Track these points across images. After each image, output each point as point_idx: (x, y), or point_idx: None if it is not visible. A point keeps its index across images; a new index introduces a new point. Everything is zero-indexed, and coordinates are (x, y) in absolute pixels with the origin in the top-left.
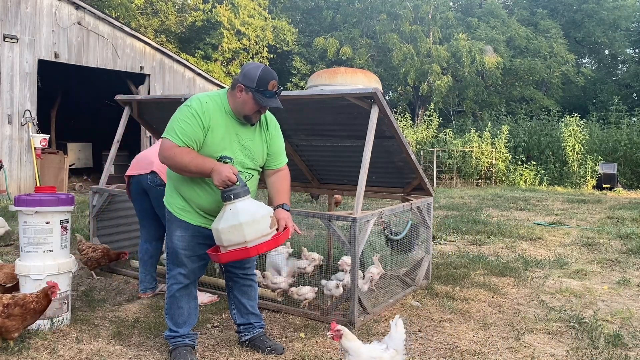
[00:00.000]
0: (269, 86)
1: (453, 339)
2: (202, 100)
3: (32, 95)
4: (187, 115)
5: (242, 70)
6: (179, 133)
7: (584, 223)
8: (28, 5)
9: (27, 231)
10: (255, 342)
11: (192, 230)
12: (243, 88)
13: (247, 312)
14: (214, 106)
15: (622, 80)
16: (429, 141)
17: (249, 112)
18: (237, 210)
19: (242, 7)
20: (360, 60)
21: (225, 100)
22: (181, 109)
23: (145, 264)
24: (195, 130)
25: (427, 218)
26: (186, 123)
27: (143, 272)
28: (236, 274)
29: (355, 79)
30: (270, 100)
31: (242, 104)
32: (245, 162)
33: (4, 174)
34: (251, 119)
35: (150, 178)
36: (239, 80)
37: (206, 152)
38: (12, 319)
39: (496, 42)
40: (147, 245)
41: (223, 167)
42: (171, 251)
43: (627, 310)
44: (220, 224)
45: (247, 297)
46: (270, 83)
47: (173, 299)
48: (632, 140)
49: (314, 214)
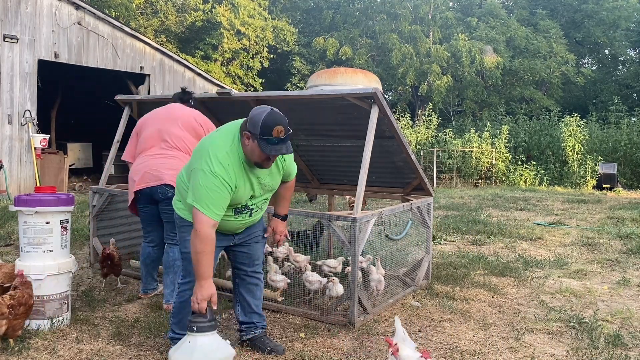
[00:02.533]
0: (273, 133)
1: (453, 339)
2: (224, 162)
3: (32, 95)
4: (216, 185)
5: (250, 115)
6: (214, 208)
7: (584, 223)
8: (28, 5)
9: (27, 231)
10: (255, 342)
11: None
12: (250, 136)
13: (251, 310)
14: (234, 164)
15: (622, 80)
16: (428, 141)
17: (258, 160)
18: (195, 345)
19: (242, 7)
20: (360, 61)
21: (241, 150)
22: (206, 175)
23: (147, 266)
24: (226, 199)
25: (427, 218)
26: (217, 195)
27: (145, 274)
28: (245, 271)
29: (355, 79)
30: (275, 148)
31: (251, 152)
32: (262, 196)
33: (4, 174)
34: (262, 166)
35: (162, 192)
36: (246, 126)
37: (231, 204)
38: (19, 318)
39: (496, 42)
40: (150, 249)
41: (208, 290)
42: (185, 257)
43: (627, 310)
44: (177, 353)
45: (252, 296)
46: (275, 129)
47: (184, 303)
48: (632, 140)
49: (314, 214)
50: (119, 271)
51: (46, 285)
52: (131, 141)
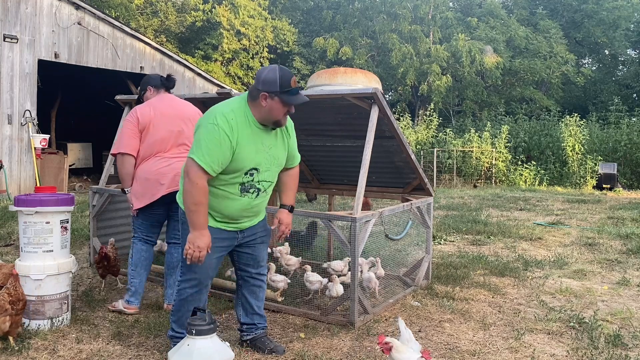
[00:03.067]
0: (292, 84)
1: (453, 339)
2: (228, 116)
3: (32, 95)
4: (216, 137)
5: (258, 78)
6: (209, 158)
7: (584, 223)
8: (28, 5)
9: (27, 231)
10: (256, 342)
11: (212, 234)
12: (267, 95)
13: (253, 312)
14: (240, 120)
15: (622, 80)
16: (428, 141)
17: (278, 117)
18: (193, 348)
19: (242, 7)
20: (359, 61)
21: (248, 110)
22: (207, 127)
23: (148, 269)
24: (225, 153)
25: (427, 218)
26: (216, 146)
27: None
28: (249, 273)
29: (355, 79)
30: (297, 98)
31: (269, 111)
32: (270, 171)
33: (4, 174)
34: (281, 123)
35: None
36: (260, 89)
37: (235, 167)
38: (19, 314)
39: (496, 42)
40: (151, 252)
41: (207, 238)
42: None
43: (627, 310)
44: (176, 355)
45: (254, 297)
46: (292, 80)
47: (184, 302)
48: (632, 141)
49: (314, 214)
50: (116, 271)
51: (46, 285)
52: (133, 135)
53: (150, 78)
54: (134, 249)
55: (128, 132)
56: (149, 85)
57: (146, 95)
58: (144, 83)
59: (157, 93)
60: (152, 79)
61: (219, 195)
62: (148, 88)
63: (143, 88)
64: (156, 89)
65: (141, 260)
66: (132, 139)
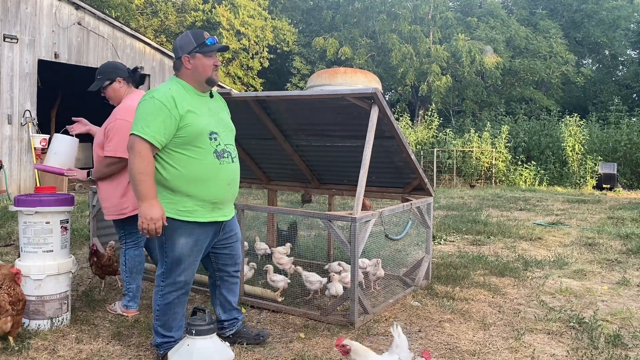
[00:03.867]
0: (205, 36)
1: (453, 339)
2: (167, 92)
3: (32, 95)
4: (152, 108)
5: (175, 47)
6: (149, 129)
7: (584, 223)
8: (28, 5)
9: (27, 231)
10: (239, 333)
11: (197, 234)
12: (188, 57)
13: (232, 307)
14: (180, 93)
15: (622, 80)
16: (428, 141)
17: (208, 73)
18: (193, 348)
19: (241, 7)
20: (359, 61)
21: (182, 82)
22: (143, 102)
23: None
24: (166, 122)
25: (427, 218)
26: (153, 117)
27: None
28: (228, 272)
29: (355, 79)
30: (215, 45)
31: (197, 70)
32: (228, 135)
33: (4, 174)
34: (213, 79)
35: None
36: (179, 55)
37: (195, 132)
38: (19, 314)
39: (496, 42)
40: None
41: (159, 209)
42: (172, 260)
43: (627, 310)
44: (176, 356)
45: (232, 294)
46: (204, 34)
47: (169, 305)
48: (632, 141)
49: (314, 214)
50: (112, 271)
51: (46, 285)
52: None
53: (119, 68)
54: (127, 256)
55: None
56: (119, 76)
57: (113, 86)
58: (111, 72)
59: (128, 87)
60: (120, 69)
61: (202, 173)
62: (118, 79)
63: (110, 77)
64: (126, 82)
65: (135, 265)
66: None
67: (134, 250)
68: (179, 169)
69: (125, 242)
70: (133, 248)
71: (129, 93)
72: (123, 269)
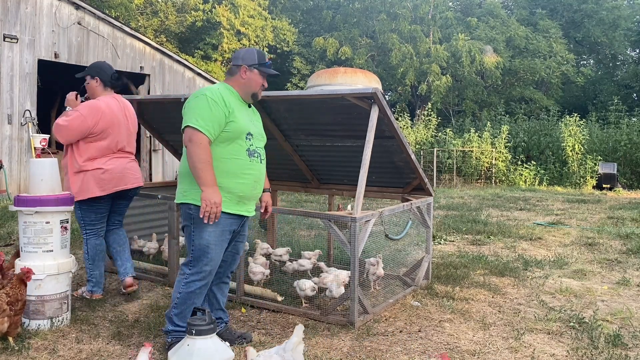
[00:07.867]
0: (266, 59)
1: (453, 339)
2: (216, 91)
3: (32, 95)
4: (205, 104)
5: (237, 56)
6: (203, 121)
7: (584, 223)
8: (28, 5)
9: (27, 231)
10: (223, 335)
11: (222, 224)
12: (247, 68)
13: (218, 307)
14: (227, 94)
15: (622, 80)
16: (428, 141)
17: (256, 89)
18: (193, 348)
19: (242, 7)
20: (359, 60)
21: (231, 88)
22: (195, 99)
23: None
24: (217, 116)
25: (427, 218)
26: (206, 111)
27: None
28: (224, 271)
29: (355, 79)
30: (271, 70)
31: (248, 82)
32: (260, 140)
33: (4, 174)
34: (257, 96)
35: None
36: (240, 64)
37: (237, 129)
38: (18, 314)
39: (496, 42)
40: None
41: (217, 194)
42: (199, 248)
43: (627, 310)
44: (176, 356)
45: (221, 293)
46: (266, 56)
47: (191, 295)
48: (632, 140)
49: (314, 214)
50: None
51: (46, 285)
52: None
53: (103, 70)
54: (89, 245)
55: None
56: (99, 77)
57: (91, 83)
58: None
59: (104, 89)
60: (103, 72)
61: (234, 167)
62: (96, 78)
63: (91, 75)
64: (103, 84)
65: (97, 253)
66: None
67: (95, 240)
68: (216, 162)
69: (86, 232)
70: (94, 237)
71: (104, 94)
72: (86, 257)
